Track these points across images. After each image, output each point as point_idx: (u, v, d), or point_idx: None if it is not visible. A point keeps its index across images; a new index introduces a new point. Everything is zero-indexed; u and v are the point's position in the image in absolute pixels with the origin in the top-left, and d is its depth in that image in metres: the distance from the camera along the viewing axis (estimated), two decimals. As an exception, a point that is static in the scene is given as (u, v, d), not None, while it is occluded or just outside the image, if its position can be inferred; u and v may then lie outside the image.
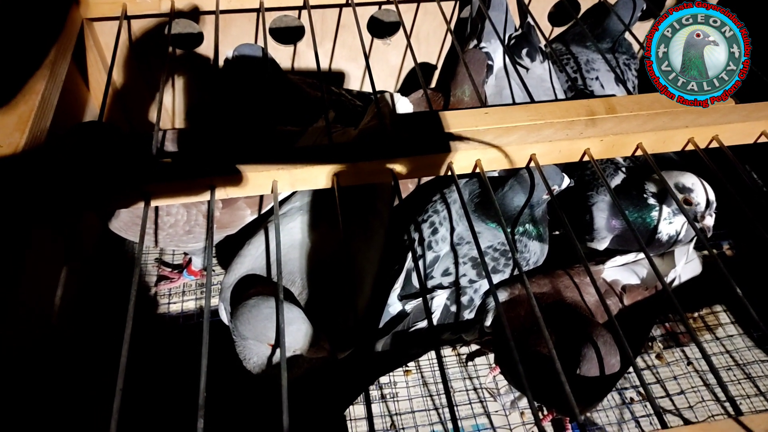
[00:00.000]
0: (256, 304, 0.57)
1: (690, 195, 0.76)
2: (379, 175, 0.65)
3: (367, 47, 1.05)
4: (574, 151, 0.67)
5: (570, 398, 0.45)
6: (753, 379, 0.91)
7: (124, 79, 1.02)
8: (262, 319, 0.56)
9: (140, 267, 0.57)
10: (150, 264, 1.02)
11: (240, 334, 0.58)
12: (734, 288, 0.58)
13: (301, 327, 0.57)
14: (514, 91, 0.94)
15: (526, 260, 0.76)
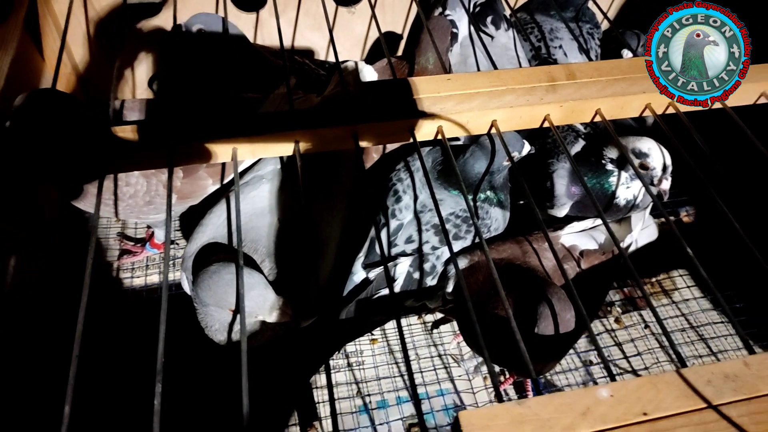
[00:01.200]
0: (217, 270, 0.56)
1: (646, 160, 0.77)
2: (341, 141, 0.64)
3: (331, 16, 1.03)
4: (535, 117, 0.68)
5: (524, 355, 0.47)
6: (705, 340, 0.94)
7: (81, 49, 0.99)
8: (223, 285, 0.56)
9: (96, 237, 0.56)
10: (112, 238, 1.01)
11: (201, 300, 0.58)
12: (686, 250, 0.60)
13: (262, 292, 0.57)
14: (479, 60, 0.94)
15: (487, 227, 0.77)
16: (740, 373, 0.46)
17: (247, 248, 0.66)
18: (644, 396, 0.45)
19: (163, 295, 0.49)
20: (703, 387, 0.45)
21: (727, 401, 0.45)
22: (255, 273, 0.59)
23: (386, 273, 0.52)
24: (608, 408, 0.44)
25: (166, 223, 0.56)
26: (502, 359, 0.68)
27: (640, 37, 1.00)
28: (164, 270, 0.49)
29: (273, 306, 0.59)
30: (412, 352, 0.90)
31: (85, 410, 0.78)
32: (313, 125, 0.62)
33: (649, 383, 0.45)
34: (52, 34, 0.92)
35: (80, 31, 0.96)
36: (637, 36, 1.00)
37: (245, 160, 0.77)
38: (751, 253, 0.58)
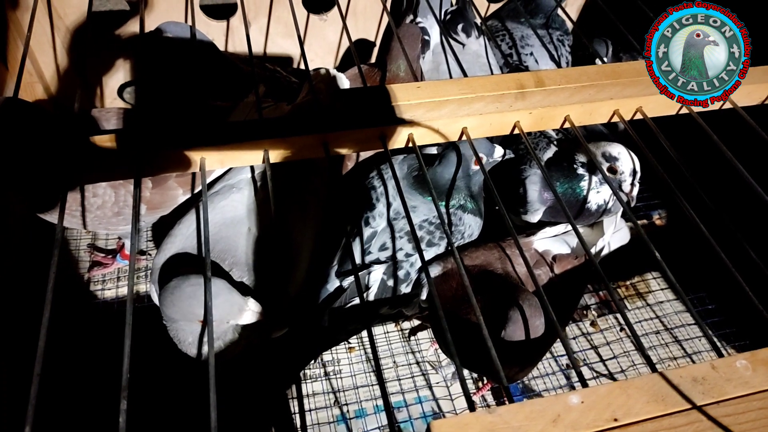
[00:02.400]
0: (177, 284, 0.56)
1: (615, 164, 0.78)
2: (311, 150, 0.64)
3: (303, 23, 1.03)
4: (505, 124, 0.68)
5: (495, 362, 0.46)
6: (680, 342, 0.95)
7: (46, 57, 0.97)
8: (186, 299, 0.55)
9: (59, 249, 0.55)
10: (83, 249, 0.99)
11: (168, 317, 0.57)
12: (655, 255, 0.60)
13: (227, 297, 0.56)
14: (451, 67, 0.94)
15: (461, 233, 0.77)
16: (708, 376, 0.47)
17: (216, 258, 0.65)
18: (614, 401, 0.45)
19: (128, 309, 0.48)
20: (672, 391, 0.46)
21: (697, 404, 0.45)
22: (216, 280, 0.58)
23: (357, 282, 0.52)
24: (579, 414, 0.44)
25: (132, 234, 0.55)
26: (475, 365, 0.68)
27: (608, 44, 1.01)
28: (129, 283, 0.48)
29: (241, 307, 0.58)
30: (390, 360, 0.90)
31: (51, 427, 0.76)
32: (282, 134, 0.61)
33: (619, 389, 0.46)
34: (15, 42, 0.90)
35: (45, 39, 0.94)
36: (606, 43, 1.01)
37: (214, 169, 0.76)
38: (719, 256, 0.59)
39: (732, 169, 0.66)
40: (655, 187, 1.13)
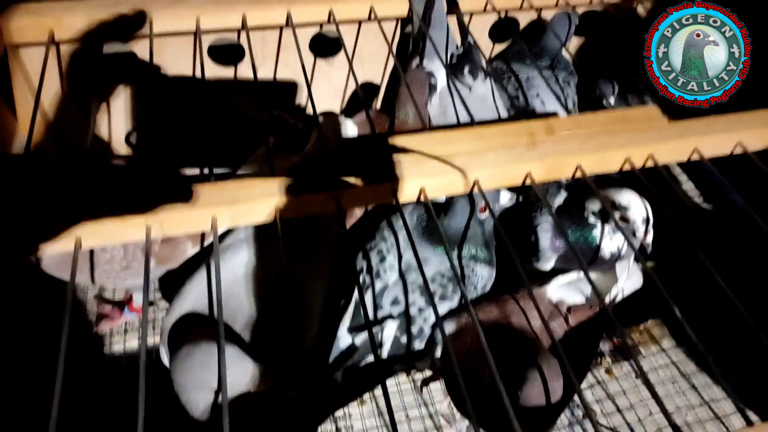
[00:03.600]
0: (188, 353, 0.55)
1: (626, 212, 0.77)
2: (323, 206, 0.63)
3: (310, 67, 1.03)
4: (517, 174, 0.68)
5: (514, 423, 0.45)
6: (697, 389, 0.93)
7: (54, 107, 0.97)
8: (197, 367, 0.54)
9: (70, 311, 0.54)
10: (89, 302, 0.98)
11: (181, 386, 0.56)
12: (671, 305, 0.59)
13: (239, 365, 0.55)
14: (459, 110, 0.94)
15: (474, 285, 0.76)
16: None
17: (227, 317, 0.63)
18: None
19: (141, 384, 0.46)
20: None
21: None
22: (229, 346, 0.57)
23: (371, 341, 0.51)
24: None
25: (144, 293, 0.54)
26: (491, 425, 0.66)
27: (614, 85, 1.01)
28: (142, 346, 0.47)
29: (254, 375, 0.57)
30: (402, 413, 0.88)
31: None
32: (295, 192, 0.61)
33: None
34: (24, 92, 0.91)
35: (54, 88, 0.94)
36: (612, 83, 1.01)
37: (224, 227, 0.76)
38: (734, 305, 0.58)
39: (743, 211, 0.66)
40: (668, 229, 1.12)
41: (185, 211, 0.58)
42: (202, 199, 0.59)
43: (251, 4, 0.86)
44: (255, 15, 0.86)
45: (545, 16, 1.05)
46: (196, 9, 0.84)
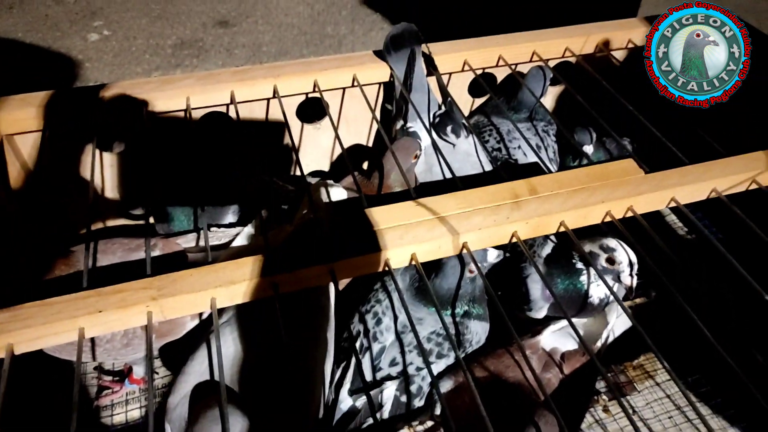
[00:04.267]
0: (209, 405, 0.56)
1: (613, 254, 0.80)
2: (319, 279, 0.66)
3: (297, 133, 1.07)
4: (503, 235, 0.71)
5: None
6: (692, 422, 0.95)
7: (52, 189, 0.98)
8: (210, 421, 0.55)
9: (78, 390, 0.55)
10: (89, 374, 0.98)
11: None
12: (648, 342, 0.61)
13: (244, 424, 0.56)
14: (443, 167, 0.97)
15: (469, 342, 0.78)
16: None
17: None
18: None
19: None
20: None
21: None
22: (239, 416, 0.58)
23: (370, 404, 0.53)
24: None
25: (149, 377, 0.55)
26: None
27: (591, 133, 1.05)
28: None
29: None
30: (406, 468, 0.88)
31: None
32: (290, 267, 0.63)
33: None
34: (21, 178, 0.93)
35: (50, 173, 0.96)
36: (589, 132, 1.05)
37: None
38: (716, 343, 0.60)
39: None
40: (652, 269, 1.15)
41: (185, 295, 0.60)
42: (201, 282, 0.61)
43: (239, 81, 0.89)
44: (243, 91, 0.90)
45: (521, 69, 1.10)
46: (185, 89, 0.87)
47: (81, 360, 0.57)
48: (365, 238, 0.67)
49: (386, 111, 1.07)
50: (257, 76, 0.91)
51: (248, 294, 0.63)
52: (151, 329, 0.59)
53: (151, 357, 0.58)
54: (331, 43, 1.97)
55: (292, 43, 1.96)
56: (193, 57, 1.88)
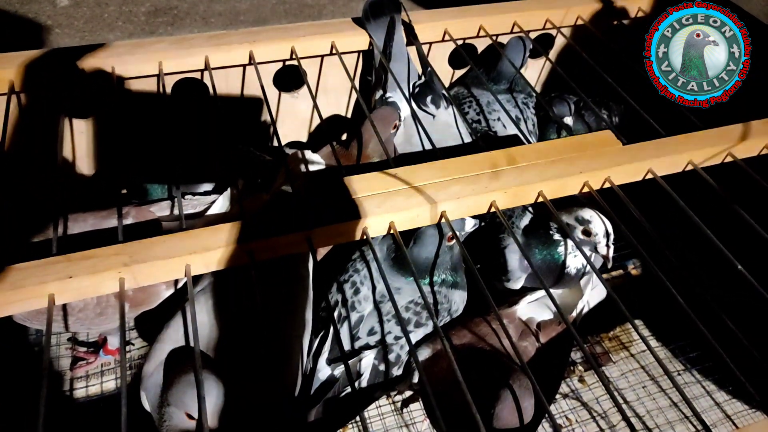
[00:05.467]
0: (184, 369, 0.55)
1: (589, 226, 0.81)
2: (295, 246, 0.65)
3: (275, 101, 1.05)
4: (481, 204, 0.70)
5: None
6: (666, 392, 0.97)
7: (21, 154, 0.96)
8: (184, 385, 0.55)
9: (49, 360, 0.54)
10: (63, 345, 0.97)
11: (164, 400, 0.57)
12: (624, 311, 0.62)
13: (216, 402, 0.55)
14: (423, 138, 0.97)
15: (447, 310, 0.78)
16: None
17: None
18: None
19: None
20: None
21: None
22: (217, 383, 0.57)
23: (347, 370, 0.53)
24: None
25: (122, 343, 0.55)
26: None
27: (570, 104, 1.05)
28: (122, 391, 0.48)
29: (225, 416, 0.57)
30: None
31: None
32: (266, 234, 0.62)
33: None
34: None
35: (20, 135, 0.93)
36: (568, 102, 1.05)
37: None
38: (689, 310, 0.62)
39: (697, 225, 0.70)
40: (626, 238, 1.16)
41: (158, 261, 0.59)
42: (175, 249, 0.60)
43: (214, 46, 0.87)
44: (218, 56, 0.87)
45: (502, 40, 1.08)
46: (158, 53, 0.84)
47: (51, 327, 0.56)
48: (343, 206, 0.66)
49: (366, 81, 1.05)
50: (233, 41, 0.89)
51: (223, 261, 0.62)
52: (123, 296, 0.58)
53: (124, 325, 0.57)
54: (311, 12, 1.94)
55: (271, 13, 1.92)
56: (168, 25, 1.83)
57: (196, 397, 0.51)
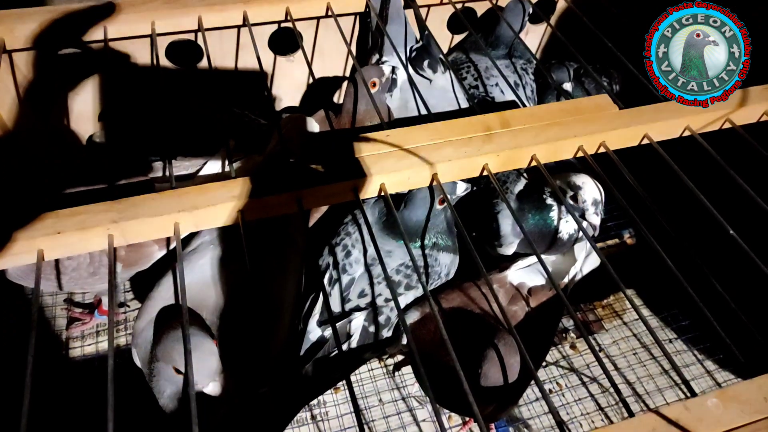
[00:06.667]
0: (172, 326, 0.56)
1: (578, 192, 0.80)
2: (285, 207, 0.65)
3: (270, 64, 1.04)
4: (474, 167, 0.70)
5: (474, 408, 0.48)
6: (657, 359, 0.98)
7: (12, 114, 0.95)
8: (173, 341, 0.55)
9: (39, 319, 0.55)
10: (59, 306, 0.98)
11: (154, 355, 0.57)
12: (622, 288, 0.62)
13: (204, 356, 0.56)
14: (419, 103, 0.96)
15: (437, 274, 0.78)
16: (681, 417, 0.48)
17: (198, 318, 0.65)
18: (594, 451, 0.46)
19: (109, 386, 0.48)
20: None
21: (672, 448, 0.47)
22: (206, 340, 0.58)
23: (334, 334, 0.53)
24: (560, 467, 0.46)
25: (110, 302, 0.55)
26: (456, 406, 0.69)
27: (569, 69, 1.04)
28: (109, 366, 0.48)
29: (211, 376, 0.57)
30: (375, 398, 0.90)
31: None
32: (256, 194, 0.62)
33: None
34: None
35: (9, 96, 0.93)
36: (567, 68, 1.04)
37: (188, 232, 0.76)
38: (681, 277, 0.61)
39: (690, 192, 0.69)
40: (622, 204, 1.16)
41: (147, 218, 0.59)
42: (164, 206, 0.60)
43: (207, 6, 0.86)
44: (211, 17, 0.86)
45: (501, 4, 1.06)
46: (150, 13, 0.83)
47: (39, 282, 0.56)
48: (333, 167, 0.66)
49: (362, 45, 1.04)
50: (227, 0, 0.87)
51: (212, 220, 0.62)
52: (112, 253, 0.58)
53: (113, 281, 0.57)
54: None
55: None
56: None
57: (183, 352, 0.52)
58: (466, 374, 0.50)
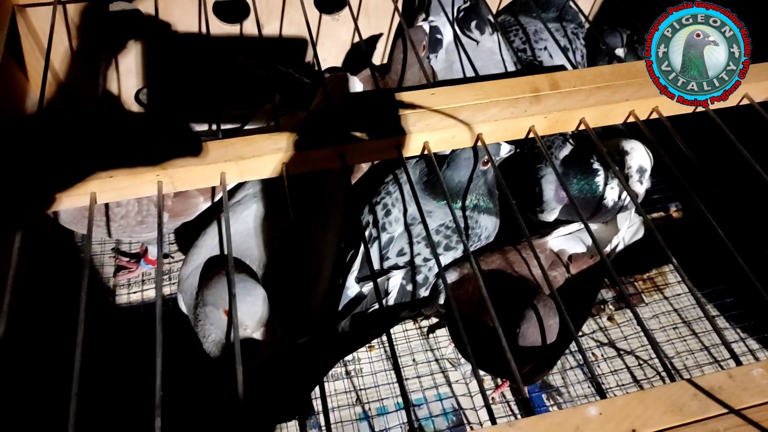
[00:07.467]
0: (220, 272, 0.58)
1: (625, 158, 0.78)
2: (328, 161, 0.65)
3: (315, 24, 1.03)
4: (520, 128, 0.69)
5: (514, 370, 0.48)
6: (698, 335, 0.96)
7: (64, 66, 0.98)
8: (221, 286, 0.57)
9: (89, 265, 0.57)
10: (107, 255, 1.01)
11: (201, 300, 0.59)
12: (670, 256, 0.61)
13: (256, 302, 0.57)
14: (465, 65, 0.94)
15: (477, 236, 0.78)
16: (725, 385, 0.48)
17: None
18: (632, 412, 0.46)
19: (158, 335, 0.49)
20: (689, 401, 0.47)
21: (713, 414, 0.46)
22: (257, 285, 0.59)
23: (376, 288, 0.53)
24: (597, 426, 0.45)
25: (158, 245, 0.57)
26: (492, 368, 0.69)
27: (623, 36, 1.00)
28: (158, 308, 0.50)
29: (261, 321, 0.59)
30: (409, 358, 0.92)
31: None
32: (300, 147, 0.63)
33: (637, 399, 0.47)
34: (34, 52, 0.92)
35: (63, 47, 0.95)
36: (620, 34, 1.00)
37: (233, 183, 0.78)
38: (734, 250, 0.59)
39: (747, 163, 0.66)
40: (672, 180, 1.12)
41: (195, 167, 0.60)
42: (211, 156, 0.61)
43: (255, -39, 0.85)
44: (259, -29, 0.86)
45: (554, -35, 1.03)
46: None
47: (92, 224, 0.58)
48: (377, 123, 0.66)
49: (409, 4, 1.02)
50: (275, -44, 0.87)
51: (257, 171, 0.63)
52: (161, 199, 0.60)
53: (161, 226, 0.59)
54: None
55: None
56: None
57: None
58: (503, 334, 0.50)
